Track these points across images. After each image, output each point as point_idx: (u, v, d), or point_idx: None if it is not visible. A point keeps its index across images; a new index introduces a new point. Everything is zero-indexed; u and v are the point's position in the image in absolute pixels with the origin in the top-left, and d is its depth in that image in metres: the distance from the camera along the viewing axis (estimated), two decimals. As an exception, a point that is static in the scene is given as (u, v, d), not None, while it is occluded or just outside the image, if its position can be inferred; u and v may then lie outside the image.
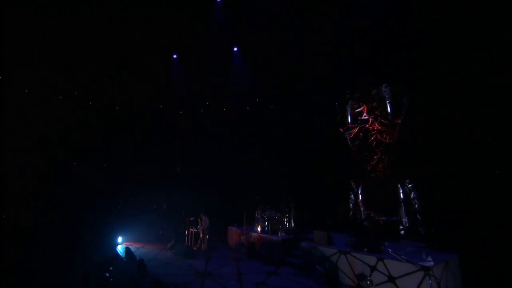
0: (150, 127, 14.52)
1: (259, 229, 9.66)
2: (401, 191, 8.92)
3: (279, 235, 9.04)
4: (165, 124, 14.98)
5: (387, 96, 9.61)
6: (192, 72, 14.06)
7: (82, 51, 12.12)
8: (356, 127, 10.27)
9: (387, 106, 9.63)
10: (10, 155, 10.81)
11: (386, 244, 6.19)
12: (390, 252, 5.76)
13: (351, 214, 9.87)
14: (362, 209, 9.63)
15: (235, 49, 13.46)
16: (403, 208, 8.65)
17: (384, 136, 9.60)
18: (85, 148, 12.58)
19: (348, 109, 10.53)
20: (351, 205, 9.98)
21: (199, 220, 10.23)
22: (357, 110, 10.25)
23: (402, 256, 5.67)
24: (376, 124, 9.75)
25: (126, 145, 13.62)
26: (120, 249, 9.90)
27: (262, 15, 11.19)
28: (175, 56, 13.95)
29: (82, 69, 12.71)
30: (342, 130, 10.66)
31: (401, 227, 8.48)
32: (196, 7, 11.63)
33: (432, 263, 5.22)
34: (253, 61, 13.39)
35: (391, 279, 5.65)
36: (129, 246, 9.81)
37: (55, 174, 11.40)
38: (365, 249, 6.37)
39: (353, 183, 10.08)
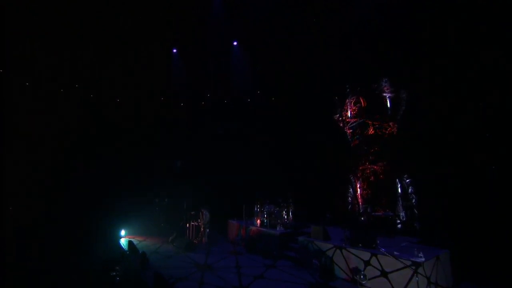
0: (151, 121, 14.65)
1: (258, 223, 9.83)
2: (399, 186, 9.02)
3: (277, 229, 9.18)
4: (166, 118, 15.09)
5: (387, 90, 9.61)
6: (192, 66, 14.08)
7: (80, 45, 12.17)
8: (355, 121, 10.27)
9: (386, 101, 9.65)
10: (13, 152, 11.05)
11: (378, 242, 6.31)
12: (383, 251, 5.88)
13: (349, 208, 9.99)
14: (360, 203, 9.74)
15: (235, 43, 13.40)
16: (400, 203, 8.77)
17: (383, 130, 9.62)
18: (85, 142, 12.77)
19: (348, 103, 10.52)
20: (349, 199, 10.09)
21: (199, 213, 10.40)
22: (357, 104, 10.24)
23: (394, 252, 5.79)
24: (375, 119, 9.75)
25: (127, 139, 13.77)
26: (123, 242, 10.18)
27: (263, 8, 11.08)
28: (175, 50, 13.96)
29: (81, 64, 12.78)
30: (341, 124, 10.68)
31: (398, 222, 8.60)
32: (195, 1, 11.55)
33: (423, 259, 5.35)
34: (253, 54, 13.35)
35: (384, 273, 5.80)
36: (132, 240, 10.09)
37: (57, 171, 11.64)
38: (360, 245, 6.50)
39: (351, 177, 10.16)
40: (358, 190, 9.95)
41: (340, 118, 10.68)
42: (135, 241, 10.04)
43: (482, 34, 6.96)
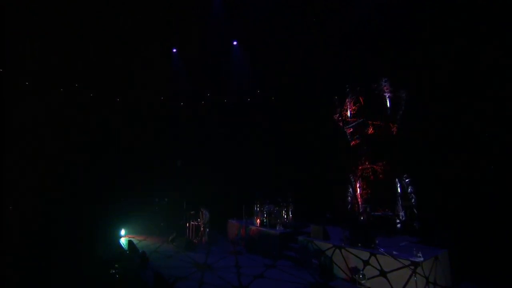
0: (151, 121, 14.67)
1: (257, 222, 9.83)
2: (398, 185, 9.02)
3: (277, 229, 9.18)
4: (166, 118, 15.11)
5: (386, 90, 9.62)
6: (192, 66, 14.09)
7: (80, 45, 12.19)
8: (355, 121, 10.27)
9: (386, 101, 9.65)
10: (14, 151, 11.06)
11: (377, 242, 6.32)
12: (382, 251, 5.90)
13: (349, 208, 9.99)
14: (360, 203, 9.74)
15: (235, 43, 13.42)
16: (400, 203, 8.77)
17: (383, 130, 9.61)
18: (85, 142, 12.78)
19: (348, 102, 10.52)
20: (349, 199, 10.09)
21: (199, 213, 10.41)
22: (357, 103, 10.24)
23: (393, 252, 5.80)
24: (375, 119, 9.74)
25: (127, 138, 13.80)
26: (123, 241, 10.20)
27: (263, 8, 11.09)
28: (174, 50, 13.98)
29: (81, 64, 12.79)
30: (341, 124, 10.67)
31: (397, 221, 8.60)
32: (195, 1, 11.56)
33: (421, 259, 5.36)
34: (253, 54, 13.36)
35: (383, 273, 5.81)
36: (132, 239, 10.11)
37: (57, 170, 11.65)
38: (359, 244, 6.51)
39: (351, 177, 10.16)
40: (358, 190, 9.93)
41: (340, 118, 10.67)
42: (135, 240, 10.05)
43: (482, 34, 6.96)
